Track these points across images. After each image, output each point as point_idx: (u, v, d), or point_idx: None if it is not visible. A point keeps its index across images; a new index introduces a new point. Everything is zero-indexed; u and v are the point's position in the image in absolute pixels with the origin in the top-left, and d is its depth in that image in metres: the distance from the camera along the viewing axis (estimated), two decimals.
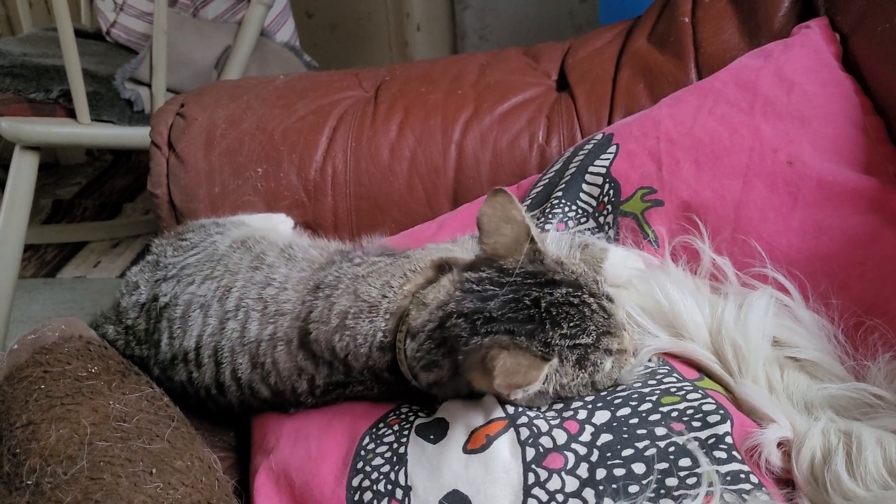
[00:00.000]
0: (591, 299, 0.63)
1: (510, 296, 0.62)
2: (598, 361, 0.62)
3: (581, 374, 0.62)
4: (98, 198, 2.57)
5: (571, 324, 0.61)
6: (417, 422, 0.67)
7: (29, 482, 0.61)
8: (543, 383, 0.59)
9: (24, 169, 1.64)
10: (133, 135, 1.66)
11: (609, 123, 1.06)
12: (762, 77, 0.87)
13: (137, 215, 2.45)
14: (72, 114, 1.62)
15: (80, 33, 1.73)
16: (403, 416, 0.69)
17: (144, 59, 1.68)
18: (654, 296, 0.73)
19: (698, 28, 1.05)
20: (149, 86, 1.67)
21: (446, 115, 1.10)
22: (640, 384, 0.64)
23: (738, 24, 1.02)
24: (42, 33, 2.01)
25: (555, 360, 0.60)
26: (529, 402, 0.63)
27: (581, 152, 0.92)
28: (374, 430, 0.68)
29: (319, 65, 1.98)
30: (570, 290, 0.63)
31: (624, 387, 0.64)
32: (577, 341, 0.61)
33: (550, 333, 0.60)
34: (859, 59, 0.89)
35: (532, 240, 0.64)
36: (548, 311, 0.61)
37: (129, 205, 2.51)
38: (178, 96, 1.20)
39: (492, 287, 0.63)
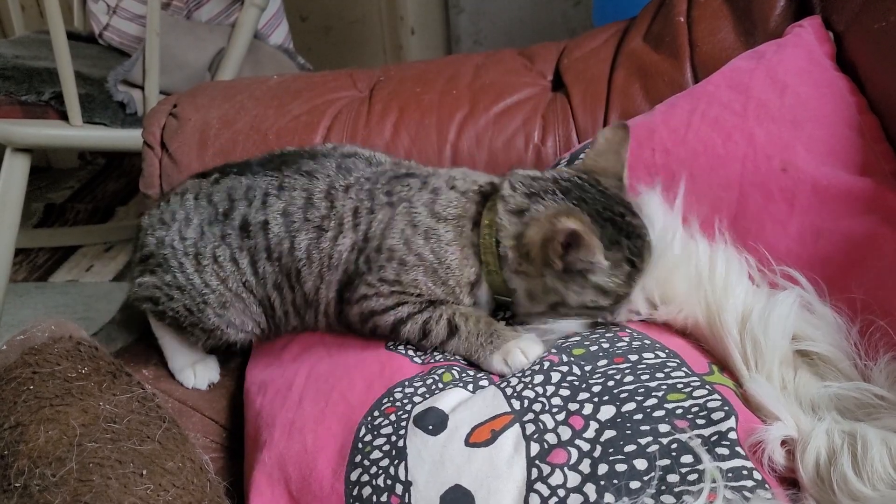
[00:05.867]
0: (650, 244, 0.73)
1: (602, 199, 0.72)
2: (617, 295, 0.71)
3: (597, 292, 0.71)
4: (90, 201, 2.56)
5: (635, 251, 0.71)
6: (415, 411, 0.67)
7: (17, 484, 0.60)
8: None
9: (15, 172, 1.64)
10: (125, 137, 1.66)
11: (605, 123, 1.06)
12: (755, 80, 0.87)
13: (130, 219, 2.44)
14: (64, 116, 1.61)
15: (72, 36, 1.72)
16: (399, 405, 0.68)
17: (137, 62, 1.67)
18: (714, 267, 0.74)
19: (694, 28, 1.05)
20: (141, 88, 1.67)
21: (441, 115, 1.09)
22: (647, 377, 0.63)
23: (733, 24, 1.02)
24: (34, 36, 2.00)
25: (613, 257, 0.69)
26: (528, 301, 0.74)
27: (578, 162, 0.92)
28: (370, 419, 0.68)
29: (313, 68, 1.98)
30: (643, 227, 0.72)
31: (632, 378, 0.63)
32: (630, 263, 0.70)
33: (624, 241, 0.70)
34: (854, 57, 0.89)
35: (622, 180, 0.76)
36: (627, 226, 0.71)
37: (122, 208, 2.50)
38: (170, 97, 1.19)
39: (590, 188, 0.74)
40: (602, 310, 0.73)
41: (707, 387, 0.62)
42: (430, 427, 0.64)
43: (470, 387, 0.69)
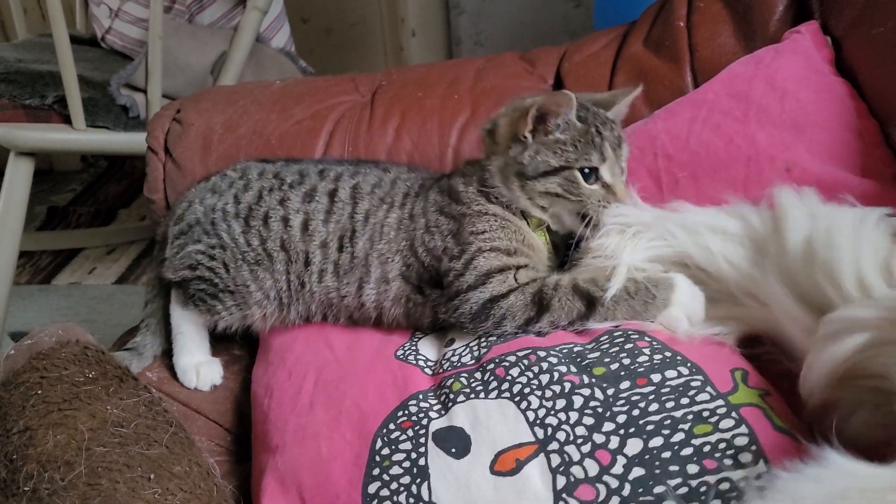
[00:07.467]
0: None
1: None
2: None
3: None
4: (93, 204, 2.56)
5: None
6: (432, 427, 0.67)
7: (26, 488, 0.60)
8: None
9: (19, 175, 1.64)
10: (128, 140, 1.66)
11: None
12: (754, 86, 0.88)
13: (132, 221, 2.44)
14: (67, 120, 1.62)
15: (74, 39, 1.73)
16: (415, 419, 0.69)
17: (140, 65, 1.68)
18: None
19: (694, 32, 1.05)
20: (144, 91, 1.67)
21: (443, 119, 1.10)
22: (672, 404, 0.62)
23: (733, 28, 1.03)
24: (37, 39, 2.01)
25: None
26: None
27: None
28: (386, 431, 0.68)
29: (315, 70, 1.99)
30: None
31: (657, 407, 0.63)
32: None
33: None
34: (853, 62, 0.90)
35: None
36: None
37: (124, 211, 2.51)
38: (174, 102, 1.20)
39: None
40: (560, 171, 0.80)
41: (734, 414, 0.61)
42: (453, 450, 0.64)
43: (482, 395, 0.69)
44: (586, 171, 0.80)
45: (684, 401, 0.63)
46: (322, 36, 2.65)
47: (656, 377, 0.65)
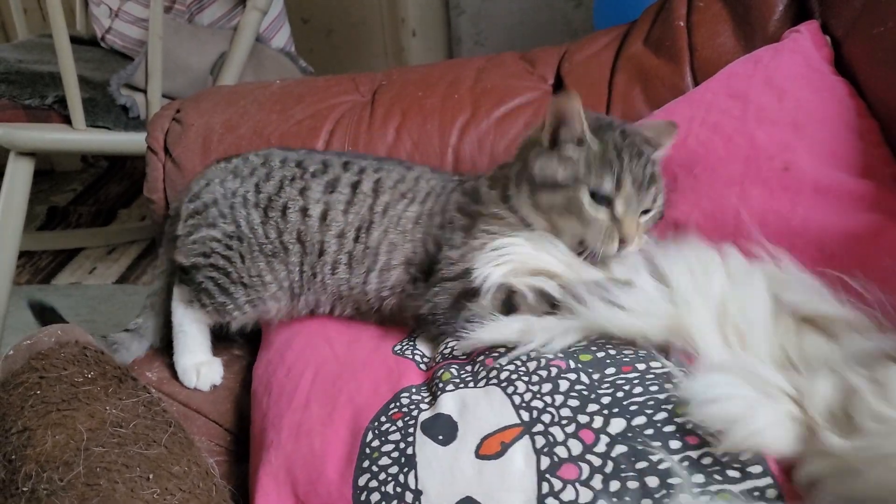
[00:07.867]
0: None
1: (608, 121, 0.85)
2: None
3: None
4: (93, 204, 2.56)
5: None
6: (422, 417, 0.67)
7: (25, 489, 0.60)
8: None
9: (19, 175, 1.64)
10: (128, 141, 1.66)
11: None
12: (753, 85, 0.88)
13: (133, 221, 2.44)
14: (67, 120, 1.62)
15: (75, 39, 1.73)
16: (406, 410, 0.69)
17: (140, 66, 1.68)
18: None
19: (693, 32, 1.05)
20: (144, 92, 1.67)
21: (443, 119, 1.10)
22: (656, 388, 0.63)
23: (732, 28, 1.03)
24: (37, 40, 2.01)
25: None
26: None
27: None
28: (377, 424, 0.68)
29: (315, 70, 1.99)
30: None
31: (641, 390, 0.63)
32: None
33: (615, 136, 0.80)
34: (853, 62, 0.89)
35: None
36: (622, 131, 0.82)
37: (125, 211, 2.51)
38: (174, 102, 1.20)
39: None
40: (566, 189, 0.79)
41: None
42: (440, 437, 0.64)
43: (471, 384, 0.69)
44: (599, 195, 0.77)
45: (668, 385, 0.63)
46: (322, 36, 2.65)
47: (641, 366, 0.66)
